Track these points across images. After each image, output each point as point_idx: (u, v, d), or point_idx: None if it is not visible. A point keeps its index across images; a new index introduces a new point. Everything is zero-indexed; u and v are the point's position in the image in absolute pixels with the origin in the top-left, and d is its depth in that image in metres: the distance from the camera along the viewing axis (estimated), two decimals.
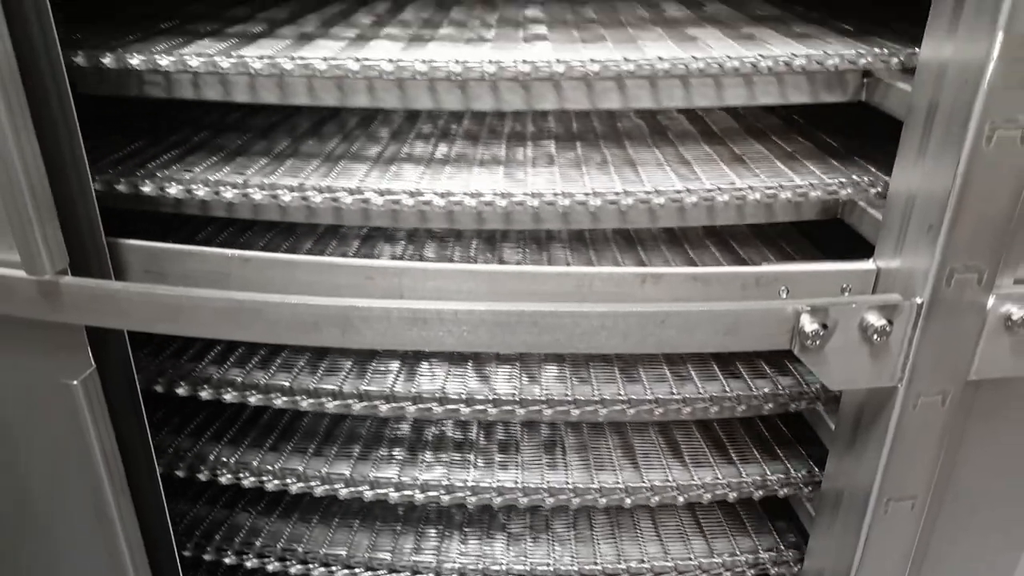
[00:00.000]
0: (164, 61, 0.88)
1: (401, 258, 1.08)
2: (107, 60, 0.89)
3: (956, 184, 0.73)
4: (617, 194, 0.89)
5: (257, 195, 0.92)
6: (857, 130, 1.02)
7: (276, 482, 1.10)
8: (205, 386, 1.06)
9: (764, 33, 0.95)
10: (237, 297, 0.82)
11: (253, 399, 1.05)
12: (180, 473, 1.11)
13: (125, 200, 0.95)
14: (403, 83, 0.90)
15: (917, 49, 0.81)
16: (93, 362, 0.92)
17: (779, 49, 0.86)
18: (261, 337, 0.82)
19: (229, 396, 1.05)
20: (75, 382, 0.90)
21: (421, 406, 1.03)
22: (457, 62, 0.85)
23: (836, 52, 0.84)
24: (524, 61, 0.85)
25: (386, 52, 0.89)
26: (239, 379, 1.07)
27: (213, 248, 0.91)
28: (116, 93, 0.96)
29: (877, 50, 0.85)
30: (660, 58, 0.84)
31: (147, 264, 0.93)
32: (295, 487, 1.10)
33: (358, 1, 1.21)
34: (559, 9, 1.12)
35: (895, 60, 0.83)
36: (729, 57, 0.84)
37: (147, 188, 0.93)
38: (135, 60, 0.88)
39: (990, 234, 0.75)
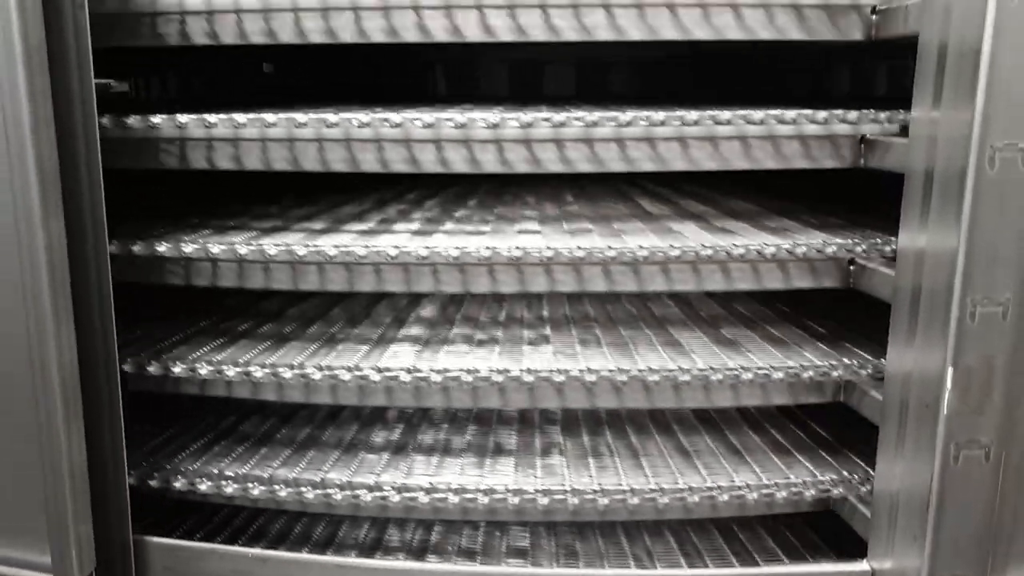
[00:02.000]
0: (204, 371, 0.98)
1: (411, 544, 1.11)
2: (152, 369, 0.98)
3: (932, 501, 0.78)
4: (624, 492, 0.95)
5: (282, 492, 0.98)
6: (845, 421, 1.09)
7: None
8: None
9: (745, 337, 1.05)
10: None
11: None
12: None
13: (153, 491, 1.01)
14: (419, 390, 0.99)
15: (884, 360, 0.90)
16: None
17: (761, 361, 0.95)
18: None
19: None
20: None
21: None
22: (468, 372, 0.94)
23: (811, 365, 0.93)
24: (528, 371, 0.94)
25: (404, 360, 0.98)
26: None
27: (233, 547, 0.95)
28: (154, 391, 1.05)
29: (847, 361, 0.94)
30: (651, 368, 0.93)
31: (168, 561, 0.96)
32: None
33: (376, 297, 1.33)
34: (559, 305, 1.24)
35: (864, 372, 0.92)
36: (714, 369, 0.93)
37: (179, 484, 0.99)
38: (178, 369, 0.98)
39: (972, 545, 0.79)
